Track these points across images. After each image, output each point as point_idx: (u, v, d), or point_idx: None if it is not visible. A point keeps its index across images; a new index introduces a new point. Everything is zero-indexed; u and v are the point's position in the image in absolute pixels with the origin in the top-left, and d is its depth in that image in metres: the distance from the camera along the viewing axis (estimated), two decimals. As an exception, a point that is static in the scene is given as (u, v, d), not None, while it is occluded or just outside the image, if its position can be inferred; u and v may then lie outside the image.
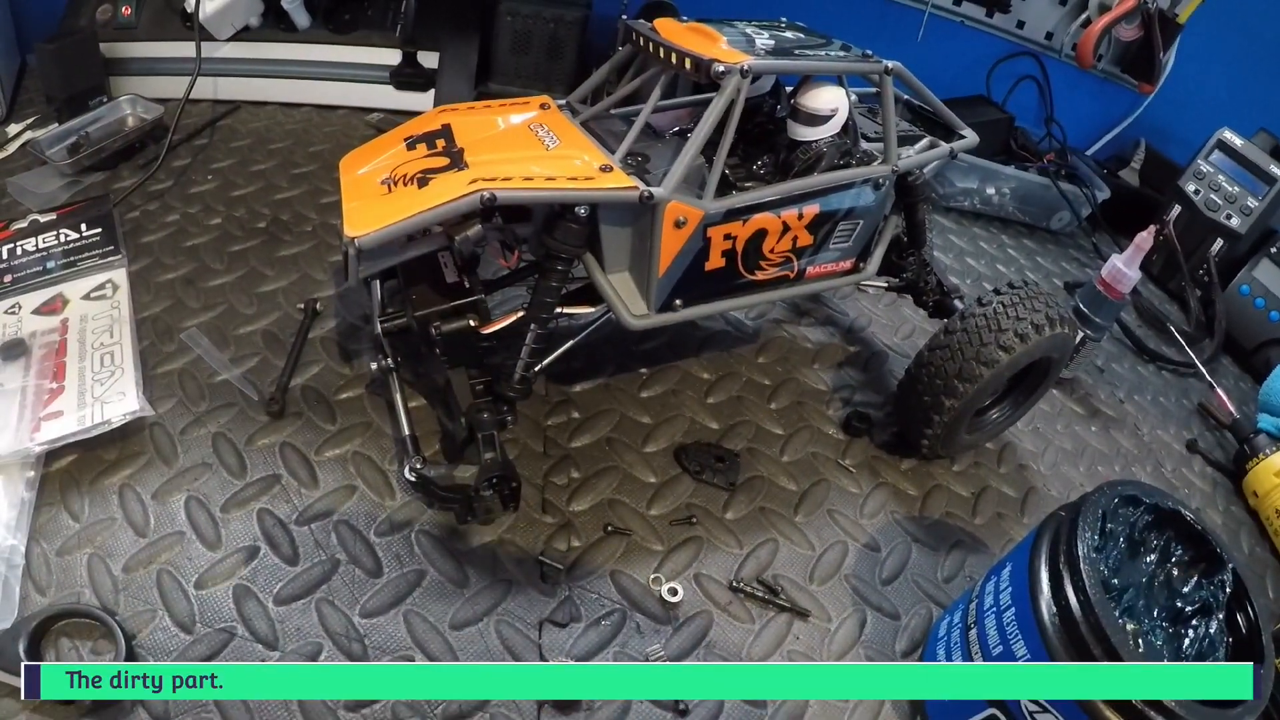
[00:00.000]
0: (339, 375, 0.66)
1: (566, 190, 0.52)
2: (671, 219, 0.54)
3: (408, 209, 0.50)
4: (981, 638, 0.47)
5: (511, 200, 0.51)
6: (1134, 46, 1.21)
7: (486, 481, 0.53)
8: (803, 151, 0.61)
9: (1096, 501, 0.46)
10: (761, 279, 0.62)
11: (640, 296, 0.58)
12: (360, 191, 0.55)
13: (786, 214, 0.59)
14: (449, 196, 0.50)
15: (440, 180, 0.53)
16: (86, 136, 0.85)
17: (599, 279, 0.58)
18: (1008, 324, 0.61)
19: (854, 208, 0.62)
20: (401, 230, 0.50)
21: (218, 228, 0.80)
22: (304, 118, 1.00)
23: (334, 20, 0.98)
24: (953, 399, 0.63)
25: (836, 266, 0.66)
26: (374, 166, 0.57)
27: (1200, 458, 0.85)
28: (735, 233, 0.58)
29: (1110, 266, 0.81)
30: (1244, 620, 0.45)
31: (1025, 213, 1.19)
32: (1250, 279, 1.03)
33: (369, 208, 0.52)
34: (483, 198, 0.49)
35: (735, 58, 0.55)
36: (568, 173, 0.54)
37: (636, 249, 0.57)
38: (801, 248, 0.62)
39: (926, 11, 1.22)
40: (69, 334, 0.65)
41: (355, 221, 0.51)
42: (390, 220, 0.50)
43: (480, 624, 0.53)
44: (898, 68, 0.60)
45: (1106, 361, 0.94)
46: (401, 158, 0.57)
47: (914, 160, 0.64)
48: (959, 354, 0.62)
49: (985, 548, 0.66)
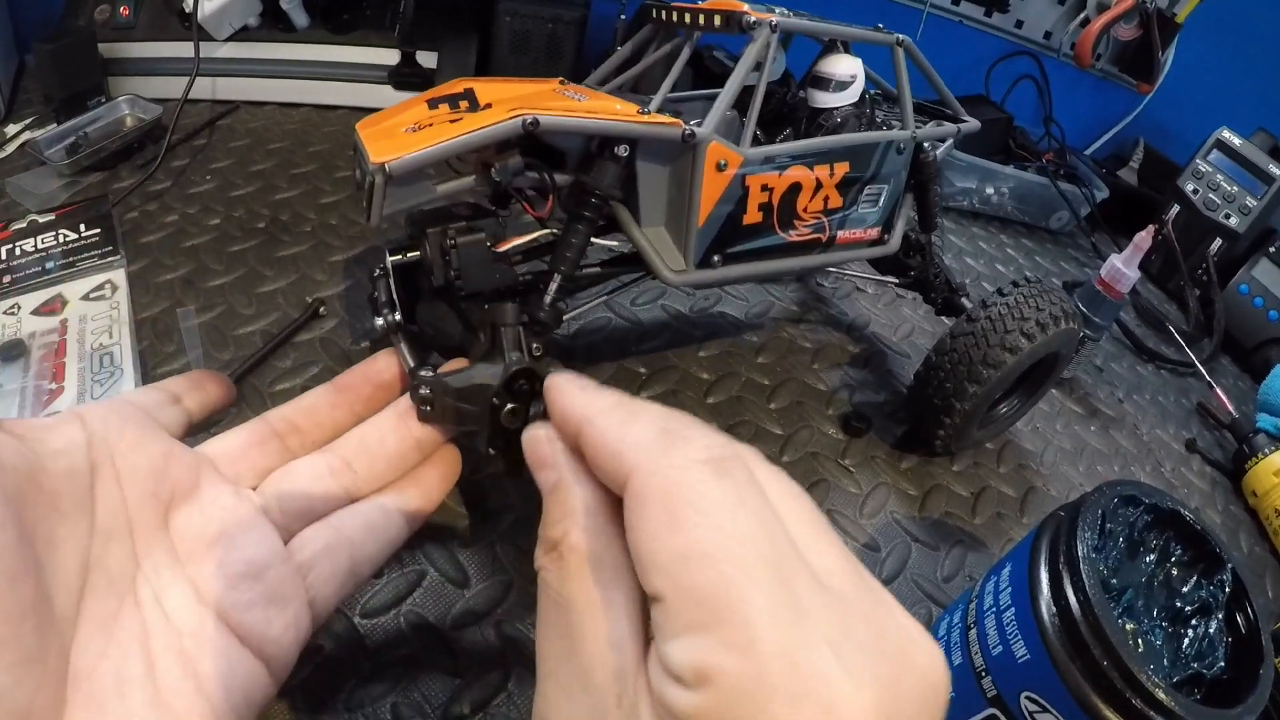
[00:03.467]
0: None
1: (611, 120, 0.51)
2: (713, 160, 0.54)
3: (443, 135, 0.47)
4: (981, 638, 0.47)
5: (555, 127, 0.49)
6: (1132, 46, 1.21)
7: (510, 381, 0.42)
8: (824, 119, 0.62)
9: (1096, 501, 0.46)
10: (796, 240, 0.62)
11: (678, 250, 0.57)
12: (384, 135, 0.50)
13: (819, 169, 0.60)
14: (488, 122, 0.48)
15: (474, 115, 0.50)
16: (85, 137, 0.85)
17: (634, 233, 0.57)
18: (1023, 319, 0.62)
19: (880, 169, 0.63)
20: (439, 154, 0.47)
21: (217, 228, 0.80)
22: (303, 118, 1.00)
23: (332, 20, 0.98)
24: (969, 395, 0.63)
25: (864, 234, 0.66)
26: (395, 120, 0.53)
27: (1199, 457, 0.85)
28: (772, 184, 0.58)
29: (1109, 266, 0.81)
30: (1243, 620, 0.45)
31: (1024, 212, 1.19)
32: (1249, 278, 1.04)
33: (396, 143, 0.48)
34: (525, 122, 0.47)
35: (763, 15, 0.56)
36: (609, 111, 0.52)
37: (674, 198, 0.56)
38: (832, 209, 0.62)
39: (925, 11, 1.22)
40: (68, 335, 0.65)
41: (382, 151, 0.46)
42: (424, 145, 0.46)
43: (481, 624, 0.53)
44: (907, 40, 0.62)
45: (1105, 361, 0.94)
46: (425, 113, 0.53)
47: (930, 132, 0.66)
48: (975, 350, 0.63)
49: (985, 547, 0.66)
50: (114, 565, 0.30)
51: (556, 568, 0.27)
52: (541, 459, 0.30)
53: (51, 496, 0.28)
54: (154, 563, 0.31)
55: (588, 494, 0.28)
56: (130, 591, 0.30)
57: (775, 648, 0.21)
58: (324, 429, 0.41)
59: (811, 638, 0.21)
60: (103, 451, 0.31)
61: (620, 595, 0.26)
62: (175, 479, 0.33)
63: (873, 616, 0.23)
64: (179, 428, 0.37)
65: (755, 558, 0.22)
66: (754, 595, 0.21)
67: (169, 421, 0.36)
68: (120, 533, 0.30)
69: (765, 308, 0.85)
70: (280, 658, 0.33)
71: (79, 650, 0.27)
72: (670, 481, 0.24)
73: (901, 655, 0.23)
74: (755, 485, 0.24)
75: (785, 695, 0.20)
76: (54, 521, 0.28)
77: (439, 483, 0.43)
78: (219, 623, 0.31)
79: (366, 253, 0.79)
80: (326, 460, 0.39)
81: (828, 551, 0.25)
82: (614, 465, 0.26)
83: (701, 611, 0.22)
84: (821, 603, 0.22)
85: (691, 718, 0.21)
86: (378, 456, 0.41)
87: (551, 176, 0.53)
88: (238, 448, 0.38)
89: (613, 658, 0.25)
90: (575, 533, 0.27)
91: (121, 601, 0.29)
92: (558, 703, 0.26)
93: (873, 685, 0.21)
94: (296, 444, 0.40)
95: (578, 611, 0.26)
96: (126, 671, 0.28)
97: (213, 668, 0.30)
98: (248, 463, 0.38)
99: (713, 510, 0.23)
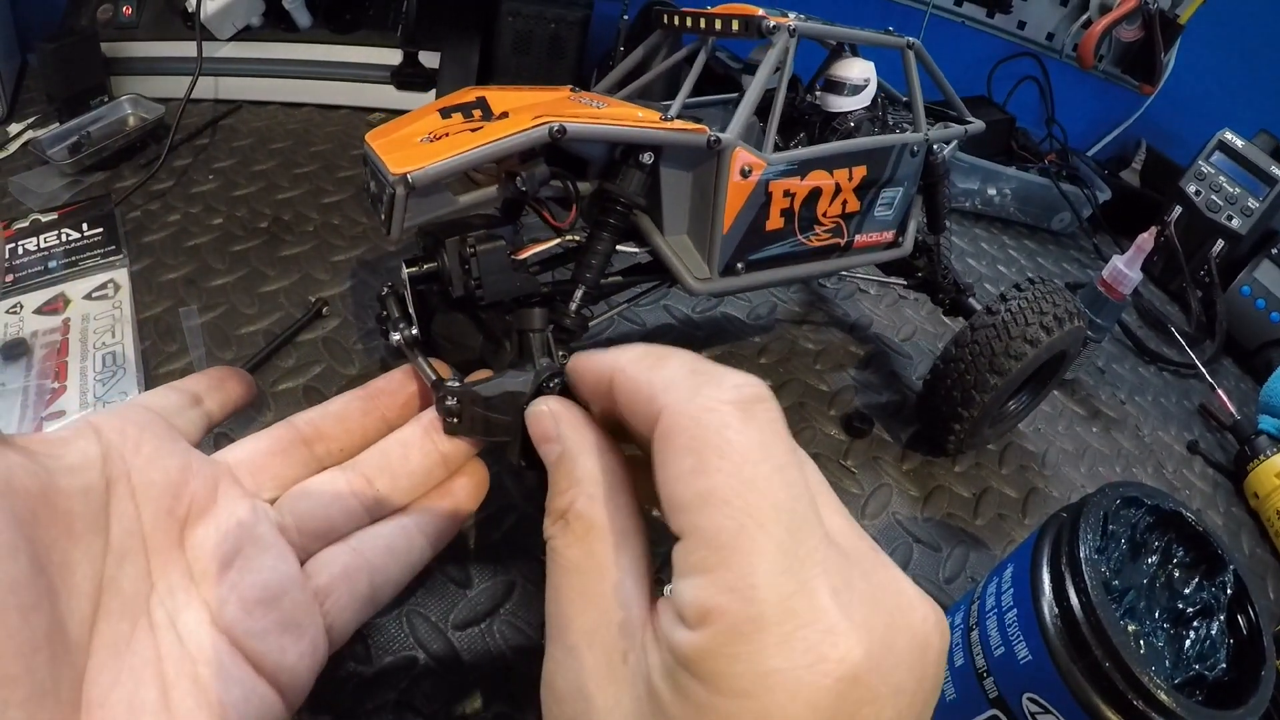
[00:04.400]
0: (341, 376, 0.66)
1: (638, 128, 0.50)
2: (738, 166, 0.54)
3: (465, 145, 0.45)
4: (983, 639, 0.47)
5: (582, 135, 0.48)
6: (1135, 47, 1.21)
7: (541, 386, 0.39)
8: (839, 123, 0.62)
9: (1098, 503, 0.46)
10: (816, 244, 0.62)
11: (702, 258, 0.57)
12: (398, 146, 0.48)
13: (839, 173, 0.60)
14: (512, 130, 0.46)
15: (495, 124, 0.48)
16: (88, 136, 0.85)
17: (658, 242, 0.56)
18: (1041, 313, 0.63)
19: (895, 172, 0.63)
20: (463, 163, 0.45)
21: (219, 228, 0.80)
22: (305, 117, 1.00)
23: (335, 20, 0.98)
24: (983, 394, 0.63)
25: (880, 237, 0.67)
26: (407, 130, 0.50)
27: (1201, 459, 0.85)
28: (794, 189, 0.58)
29: (1111, 267, 0.81)
30: (1245, 622, 0.45)
31: (1026, 213, 1.19)
32: (1251, 280, 1.03)
33: (414, 153, 0.46)
34: (552, 129, 0.46)
35: (781, 19, 0.56)
36: (632, 118, 0.51)
37: (698, 206, 0.56)
38: (850, 213, 0.63)
39: (927, 12, 1.22)
40: (70, 334, 0.65)
41: (401, 162, 0.44)
42: (445, 155, 0.44)
43: (483, 624, 0.53)
44: (917, 43, 0.63)
45: (1107, 362, 0.94)
46: (439, 122, 0.51)
47: (941, 134, 0.66)
48: (997, 341, 0.63)
49: (987, 549, 0.66)
50: (128, 586, 0.29)
51: (564, 535, 0.27)
52: (545, 432, 0.30)
53: (66, 518, 0.27)
54: (168, 583, 0.31)
55: (591, 463, 0.28)
56: (144, 613, 0.30)
57: (775, 594, 0.21)
58: (353, 436, 0.40)
59: (812, 586, 0.22)
60: (119, 466, 0.30)
61: (626, 558, 0.26)
62: (192, 493, 0.33)
63: (872, 574, 0.24)
64: (198, 431, 0.36)
65: (770, 506, 0.23)
66: (763, 542, 0.22)
67: (187, 426, 0.35)
68: (135, 551, 0.30)
69: (768, 309, 0.85)
70: (295, 686, 0.32)
71: (91, 679, 0.27)
72: (697, 423, 0.24)
73: (897, 611, 0.23)
74: (780, 431, 0.25)
75: (779, 635, 0.21)
76: (68, 544, 0.27)
77: (467, 498, 0.42)
78: (233, 649, 0.31)
79: (369, 252, 0.79)
80: (347, 478, 0.38)
81: (837, 512, 0.26)
82: (645, 408, 0.26)
83: (711, 553, 0.22)
84: (826, 555, 0.23)
85: (690, 657, 0.22)
86: (401, 474, 0.40)
87: (575, 185, 0.52)
88: (260, 455, 0.37)
89: (620, 613, 0.25)
90: (582, 500, 0.27)
91: (135, 624, 0.29)
92: (565, 664, 0.26)
93: (865, 635, 0.22)
94: (323, 451, 0.39)
95: (584, 574, 0.26)
96: (140, 700, 0.28)
97: (227, 696, 0.30)
98: (269, 472, 0.37)
99: (735, 455, 0.23)
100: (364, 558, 0.37)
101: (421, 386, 0.44)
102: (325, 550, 0.36)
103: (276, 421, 0.39)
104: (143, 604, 0.30)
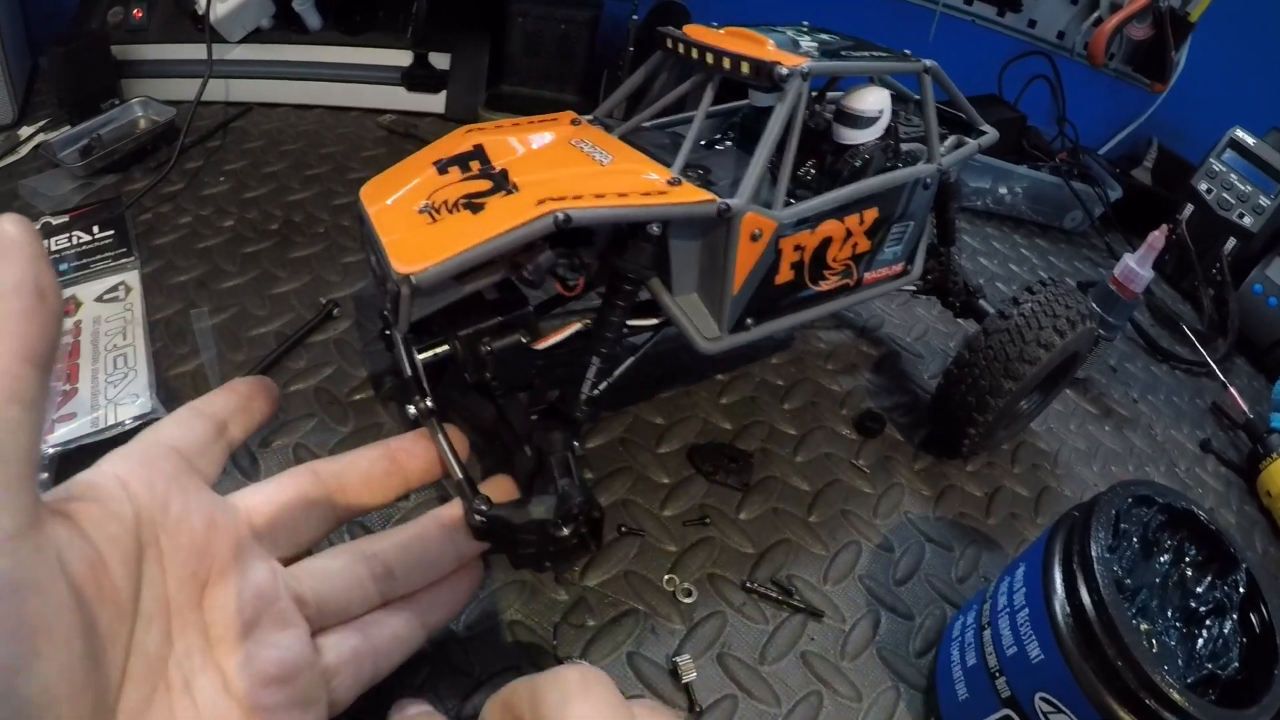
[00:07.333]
0: (352, 377, 0.67)
1: (644, 206, 0.48)
2: (748, 232, 0.52)
3: (469, 237, 0.44)
4: (995, 638, 0.47)
5: (588, 221, 0.46)
6: (1146, 45, 1.20)
7: (566, 513, 0.44)
8: (850, 155, 0.60)
9: (1110, 501, 0.46)
10: (825, 289, 0.61)
11: (711, 317, 0.56)
12: (396, 223, 0.48)
13: (849, 219, 0.59)
14: (517, 220, 0.45)
15: (497, 204, 0.47)
16: (98, 139, 0.85)
17: (666, 302, 0.55)
18: (1054, 315, 0.62)
19: (907, 209, 0.63)
20: (467, 262, 0.44)
21: (230, 229, 0.80)
22: (316, 119, 1.00)
23: (345, 22, 0.99)
24: (997, 399, 0.63)
25: (890, 271, 0.66)
26: (405, 194, 0.51)
27: (1214, 457, 0.84)
28: (804, 242, 0.57)
29: (1123, 266, 0.81)
30: (1258, 620, 0.45)
31: (1038, 212, 1.19)
32: (1263, 278, 1.03)
33: (416, 239, 0.46)
34: (557, 219, 0.44)
35: (792, 60, 0.53)
36: (639, 188, 0.49)
37: (706, 267, 0.55)
38: (860, 254, 0.62)
39: (938, 11, 1.21)
40: (82, 336, 0.65)
41: (404, 256, 0.44)
42: (451, 252, 0.44)
43: (495, 624, 0.53)
44: (934, 67, 0.61)
45: (1119, 361, 0.94)
46: (435, 183, 0.51)
47: (954, 158, 0.65)
48: (1011, 346, 0.62)
49: (999, 548, 0.66)
50: (151, 648, 0.29)
51: None
52: None
53: (112, 593, 0.28)
54: (186, 645, 0.31)
55: None
56: (162, 675, 0.30)
57: None
58: (374, 495, 0.42)
59: None
60: (149, 531, 0.31)
61: None
62: (215, 555, 0.33)
63: None
64: (220, 467, 0.37)
65: None
66: None
67: (209, 466, 0.36)
68: (159, 615, 0.30)
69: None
70: None
71: None
72: None
73: None
74: None
75: None
76: (113, 618, 0.28)
77: (465, 592, 0.45)
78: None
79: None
80: (370, 567, 0.39)
81: None
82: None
83: None
84: None
85: None
86: (416, 567, 0.41)
87: (583, 261, 0.51)
88: (283, 511, 0.38)
89: None
90: None
91: (154, 687, 0.29)
92: None
93: None
94: (343, 506, 0.41)
95: None
96: None
97: None
98: (289, 528, 0.38)
99: None
100: (372, 644, 0.39)
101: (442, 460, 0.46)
102: (337, 631, 0.38)
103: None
104: (162, 665, 0.30)
